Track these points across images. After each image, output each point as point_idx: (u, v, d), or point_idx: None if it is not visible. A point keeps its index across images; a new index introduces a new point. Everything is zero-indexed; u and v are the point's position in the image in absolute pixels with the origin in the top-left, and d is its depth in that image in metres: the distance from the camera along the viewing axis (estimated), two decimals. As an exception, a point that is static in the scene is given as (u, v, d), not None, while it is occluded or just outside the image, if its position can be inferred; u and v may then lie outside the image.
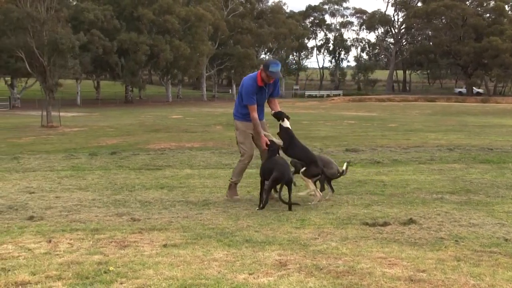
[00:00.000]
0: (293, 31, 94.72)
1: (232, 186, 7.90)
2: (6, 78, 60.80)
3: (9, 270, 4.33)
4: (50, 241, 5.28)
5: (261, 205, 7.00)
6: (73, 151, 15.77)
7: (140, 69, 64.19)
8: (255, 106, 7.74)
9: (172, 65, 66.03)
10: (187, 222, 6.18)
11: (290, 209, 6.86)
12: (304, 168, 7.45)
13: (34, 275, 4.23)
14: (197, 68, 74.02)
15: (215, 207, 7.08)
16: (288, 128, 7.76)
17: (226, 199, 7.69)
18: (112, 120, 34.53)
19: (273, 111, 7.98)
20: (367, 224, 5.92)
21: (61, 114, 31.68)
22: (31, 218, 6.37)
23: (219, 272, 4.29)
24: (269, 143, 7.60)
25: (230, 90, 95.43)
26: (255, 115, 7.74)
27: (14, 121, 33.90)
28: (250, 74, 7.93)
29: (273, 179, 7.06)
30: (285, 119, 7.80)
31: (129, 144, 18.24)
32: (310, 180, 7.44)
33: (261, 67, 7.71)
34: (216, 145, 17.41)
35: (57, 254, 4.82)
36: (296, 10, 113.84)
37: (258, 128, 7.76)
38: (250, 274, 4.22)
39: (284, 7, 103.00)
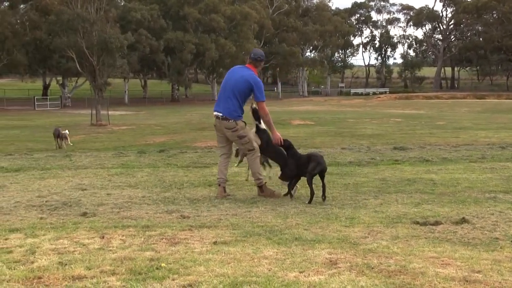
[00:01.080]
0: (338, 29, 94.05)
1: (264, 186, 7.87)
2: (58, 78, 62.40)
3: (66, 264, 4.44)
4: (103, 237, 5.38)
5: (310, 199, 7.21)
6: (122, 149, 16.06)
7: (186, 68, 64.85)
8: None
9: (217, 64, 66.47)
10: (236, 219, 6.21)
11: (323, 198, 7.21)
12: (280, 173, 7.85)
13: (89, 269, 4.33)
14: (242, 66, 74.25)
15: (263, 205, 7.09)
16: (265, 129, 7.99)
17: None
18: (159, 119, 34.99)
19: (254, 107, 8.03)
20: (417, 223, 5.82)
21: (110, 112, 32.34)
22: (84, 214, 6.52)
23: (269, 270, 4.29)
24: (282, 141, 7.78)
25: (275, 88, 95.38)
26: (267, 111, 7.93)
27: (65, 120, 34.73)
28: (247, 70, 7.82)
29: (312, 168, 7.26)
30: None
31: (176, 142, 18.47)
32: (287, 182, 7.73)
33: (257, 59, 7.79)
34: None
35: (110, 250, 4.91)
36: (341, 8, 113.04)
37: (273, 125, 7.92)
38: (300, 272, 4.22)
39: (329, 4, 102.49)
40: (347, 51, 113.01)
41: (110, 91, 49.79)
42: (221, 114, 7.81)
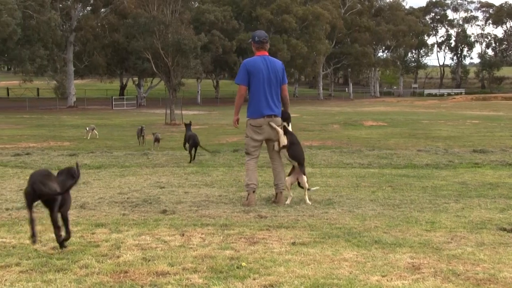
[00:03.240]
0: (412, 28, 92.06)
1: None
2: (134, 79, 64.21)
3: (149, 260, 4.55)
4: (183, 235, 5.47)
5: None
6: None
7: (258, 69, 65.33)
8: None
9: (289, 64, 66.37)
10: (313, 220, 6.17)
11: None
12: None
13: (172, 266, 4.41)
14: (314, 67, 74.09)
15: (340, 207, 7.02)
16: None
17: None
18: (231, 118, 35.20)
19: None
20: (504, 229, 5.59)
21: (183, 112, 32.93)
22: (164, 211, 6.65)
23: (350, 273, 4.24)
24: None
25: (346, 88, 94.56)
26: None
27: (141, 119, 35.66)
28: (269, 58, 7.51)
29: None
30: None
31: (249, 142, 18.55)
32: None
33: (262, 41, 7.47)
34: (335, 144, 17.33)
35: (191, 248, 4.99)
36: (415, 6, 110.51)
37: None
38: (383, 276, 4.14)
39: (403, 3, 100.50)
40: (421, 51, 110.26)
41: (183, 91, 50.72)
42: (274, 113, 7.45)
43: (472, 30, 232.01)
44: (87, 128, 21.87)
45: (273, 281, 4.06)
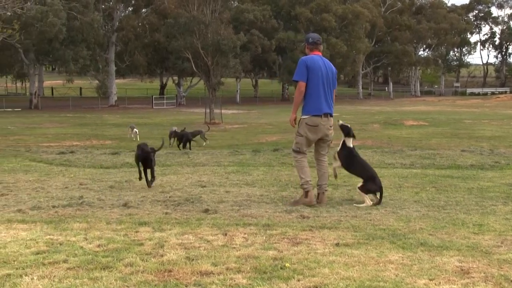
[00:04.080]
0: (454, 26, 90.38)
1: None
2: (174, 78, 64.82)
3: (193, 260, 4.55)
4: (225, 234, 5.47)
5: None
6: (236, 147, 16.32)
7: (297, 67, 65.09)
8: None
9: (328, 63, 65.99)
10: (356, 221, 6.09)
11: None
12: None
13: (215, 266, 4.40)
14: (353, 66, 73.51)
15: (383, 207, 6.91)
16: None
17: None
18: (270, 117, 35.34)
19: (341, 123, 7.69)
20: (559, 233, 5.42)
21: (222, 111, 33.06)
22: (206, 211, 6.66)
23: (396, 275, 4.16)
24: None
25: (386, 88, 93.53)
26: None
27: (181, 118, 35.95)
28: (323, 58, 7.45)
29: None
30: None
31: (289, 141, 18.45)
32: (366, 195, 7.25)
33: (316, 42, 7.47)
34: (376, 144, 17.11)
35: (234, 247, 4.97)
36: (458, 4, 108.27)
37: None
38: (430, 279, 4.04)
39: (445, 1, 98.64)
40: (463, 49, 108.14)
41: (223, 90, 50.95)
42: (331, 112, 7.37)
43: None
44: (129, 128, 21.68)
45: (318, 282, 4.02)
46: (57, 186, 8.86)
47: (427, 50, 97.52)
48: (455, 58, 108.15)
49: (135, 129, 21.08)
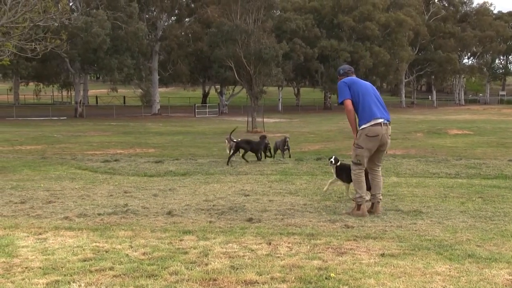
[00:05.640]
0: (500, 34, 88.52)
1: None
2: (216, 86, 65.32)
3: (237, 269, 4.56)
4: (270, 243, 5.46)
5: None
6: (279, 155, 16.29)
7: (339, 76, 64.74)
8: None
9: (371, 72, 65.52)
10: (401, 231, 6.01)
11: None
12: None
13: (260, 275, 4.40)
14: (396, 74, 72.74)
15: (428, 218, 6.80)
16: None
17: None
18: (312, 126, 35.23)
19: None
20: None
21: (264, 120, 33.10)
22: (250, 220, 6.67)
23: (443, 287, 4.08)
24: None
25: (429, 96, 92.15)
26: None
27: (223, 126, 36.15)
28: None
29: None
30: None
31: (331, 150, 18.39)
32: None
33: (348, 72, 7.60)
34: (419, 153, 16.87)
35: (278, 257, 4.96)
36: (504, 11, 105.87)
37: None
38: (479, 293, 3.95)
39: (491, 8, 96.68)
40: (510, 57, 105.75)
41: (265, 99, 51.04)
42: (387, 120, 7.27)
43: None
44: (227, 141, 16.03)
45: (363, 293, 3.97)
46: (102, 194, 9.01)
47: (471, 58, 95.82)
48: (501, 66, 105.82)
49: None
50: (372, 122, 7.11)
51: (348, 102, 7.19)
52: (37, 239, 5.73)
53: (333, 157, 8.37)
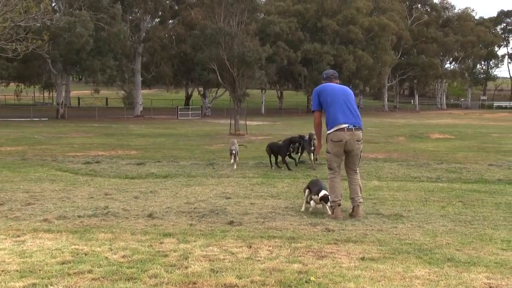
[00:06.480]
0: (481, 39, 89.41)
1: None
2: (199, 89, 65.19)
3: (217, 272, 4.55)
4: (250, 247, 5.45)
5: None
6: (261, 158, 16.28)
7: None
8: None
9: (354, 75, 65.78)
10: (382, 235, 6.03)
11: None
12: None
13: (240, 278, 4.38)
14: (379, 78, 73.13)
15: (409, 221, 6.84)
16: None
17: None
18: (295, 129, 35.25)
19: None
20: None
21: (247, 122, 33.07)
22: (231, 222, 6.66)
23: (423, 292, 4.10)
24: None
25: (412, 100, 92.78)
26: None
27: (205, 129, 36.09)
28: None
29: None
30: None
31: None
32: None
33: (332, 77, 7.84)
34: (401, 157, 16.94)
35: (259, 260, 4.96)
36: (486, 16, 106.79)
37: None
38: (458, 296, 3.98)
39: (473, 14, 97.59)
40: (491, 62, 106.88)
41: (248, 101, 51.04)
42: (353, 126, 7.34)
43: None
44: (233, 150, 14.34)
45: (343, 297, 3.98)
46: (82, 196, 8.94)
47: (453, 63, 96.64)
48: (482, 71, 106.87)
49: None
50: (335, 128, 7.33)
51: (317, 115, 7.65)
52: (15, 242, 5.66)
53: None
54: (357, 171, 7.60)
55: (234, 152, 13.70)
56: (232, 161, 13.59)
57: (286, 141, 13.56)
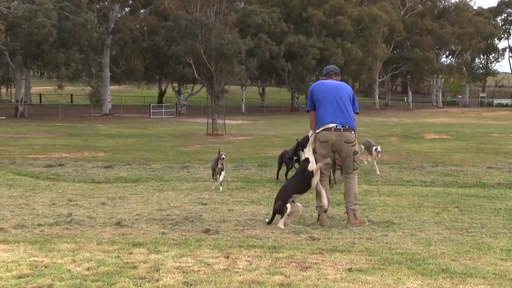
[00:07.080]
0: (480, 31, 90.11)
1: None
2: (174, 85, 65.00)
3: (192, 285, 4.54)
4: (228, 257, 5.45)
5: None
6: (241, 161, 16.30)
7: (308, 75, 64.98)
8: None
9: (342, 70, 65.95)
10: (371, 244, 6.07)
11: None
12: None
13: (216, 292, 4.38)
14: (369, 73, 73.60)
15: (400, 229, 6.88)
16: None
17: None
18: (278, 129, 35.36)
19: None
20: None
21: (226, 121, 33.07)
22: (207, 231, 6.66)
23: (415, 305, 4.13)
24: None
25: (405, 97, 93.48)
26: None
27: (180, 129, 36.03)
28: (337, 81, 7.87)
29: None
30: None
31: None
32: None
33: (332, 73, 7.92)
34: (393, 159, 17.06)
35: (237, 272, 4.96)
36: (485, 7, 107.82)
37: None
38: (452, 310, 4.01)
39: (471, 3, 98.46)
40: (490, 56, 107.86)
41: (227, 99, 50.96)
42: (342, 126, 7.39)
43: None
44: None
45: (328, 312, 3.99)
46: (43, 202, 8.87)
47: (450, 56, 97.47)
48: (481, 65, 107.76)
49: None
50: (322, 128, 7.42)
51: (310, 115, 7.70)
52: (-33, 253, 5.60)
53: None
54: (353, 175, 7.61)
55: (217, 171, 11.13)
56: (215, 182, 11.06)
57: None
